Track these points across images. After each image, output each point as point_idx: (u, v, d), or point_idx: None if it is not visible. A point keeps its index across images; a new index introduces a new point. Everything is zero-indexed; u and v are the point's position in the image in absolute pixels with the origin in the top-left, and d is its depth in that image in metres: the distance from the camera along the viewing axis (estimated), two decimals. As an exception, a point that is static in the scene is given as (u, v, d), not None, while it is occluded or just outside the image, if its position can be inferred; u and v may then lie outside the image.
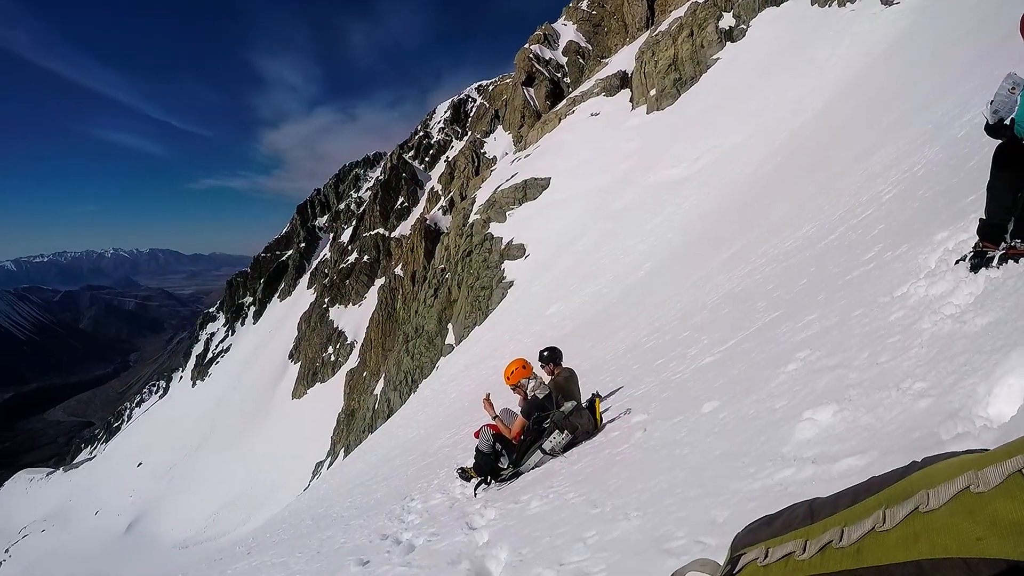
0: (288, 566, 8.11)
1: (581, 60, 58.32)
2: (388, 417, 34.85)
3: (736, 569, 1.20)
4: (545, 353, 7.40)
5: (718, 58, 36.08)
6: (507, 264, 33.24)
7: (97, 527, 71.46)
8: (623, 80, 44.23)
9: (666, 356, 7.48)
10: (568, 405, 6.33)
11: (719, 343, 6.40)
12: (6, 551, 73.55)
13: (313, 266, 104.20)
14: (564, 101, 50.51)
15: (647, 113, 37.96)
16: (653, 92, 37.73)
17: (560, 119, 45.90)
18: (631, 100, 41.13)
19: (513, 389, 7.01)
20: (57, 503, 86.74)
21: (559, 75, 59.61)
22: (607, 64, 49.99)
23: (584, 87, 48.53)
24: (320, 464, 52.19)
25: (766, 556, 1.13)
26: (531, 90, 60.24)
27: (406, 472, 12.29)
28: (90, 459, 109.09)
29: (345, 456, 40.91)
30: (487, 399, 7.08)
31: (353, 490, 15.30)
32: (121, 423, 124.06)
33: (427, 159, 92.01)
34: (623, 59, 46.53)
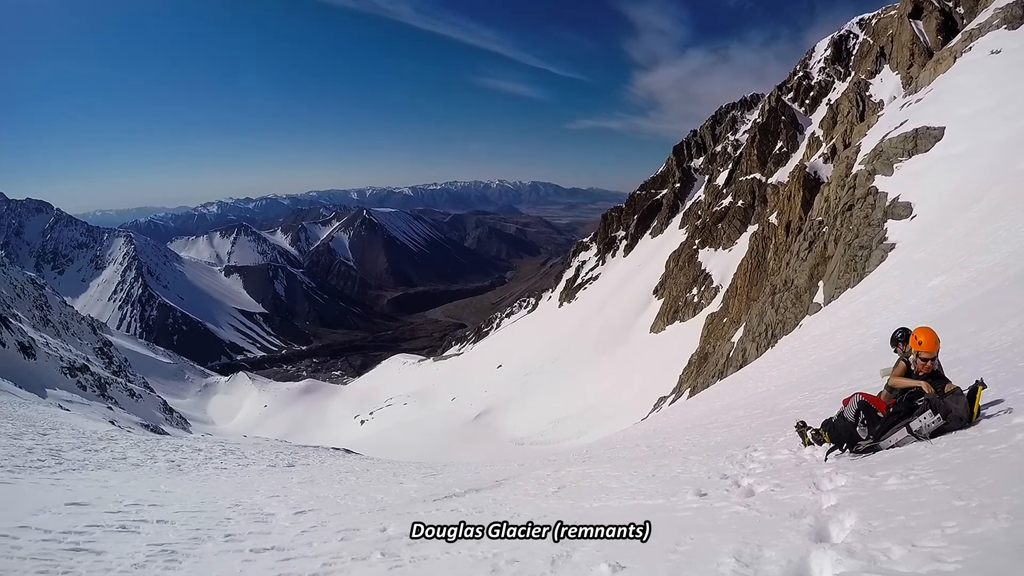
0: (622, 480, 8.78)
1: (976, -15, 48.52)
2: (740, 367, 34.52)
3: None
4: (899, 335, 7.01)
5: None
6: (890, 224, 29.61)
7: (450, 410, 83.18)
8: (1028, 8, 35.77)
9: (1063, 359, 6.41)
10: (948, 387, 5.84)
11: None
12: (370, 413, 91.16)
13: (687, 207, 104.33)
14: (958, 36, 42.25)
15: (1059, 48, 30.19)
16: (1067, 21, 29.68)
17: (955, 57, 38.64)
18: (1040, 32, 33.08)
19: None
20: (421, 385, 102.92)
21: (951, 4, 50.82)
22: (1007, -12, 40.74)
23: (981, 18, 39.94)
24: (663, 399, 53.90)
25: None
26: (919, 23, 52.59)
27: (750, 424, 12.36)
28: (457, 355, 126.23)
29: (689, 396, 41.75)
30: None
31: (692, 429, 15.81)
32: (490, 329, 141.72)
33: (807, 102, 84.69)
34: (1026, -19, 37.30)
